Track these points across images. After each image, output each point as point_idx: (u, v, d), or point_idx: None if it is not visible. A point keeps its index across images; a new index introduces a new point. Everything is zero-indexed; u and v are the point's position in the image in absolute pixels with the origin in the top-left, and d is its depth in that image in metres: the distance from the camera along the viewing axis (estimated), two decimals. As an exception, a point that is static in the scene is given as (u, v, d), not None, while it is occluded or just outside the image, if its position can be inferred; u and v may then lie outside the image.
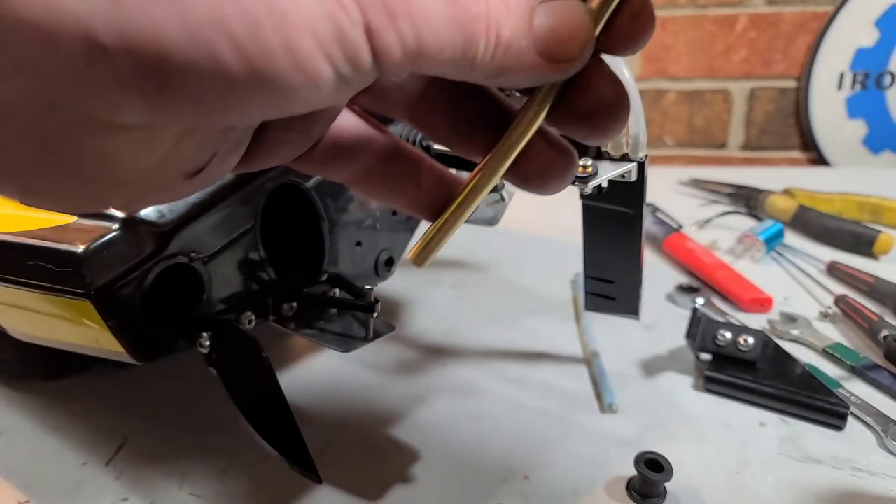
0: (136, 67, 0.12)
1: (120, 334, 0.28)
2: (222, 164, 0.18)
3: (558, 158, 0.19)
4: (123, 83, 0.13)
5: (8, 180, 0.15)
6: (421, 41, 0.14)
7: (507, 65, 0.16)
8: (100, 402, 0.42)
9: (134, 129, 0.14)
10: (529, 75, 0.16)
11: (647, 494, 0.33)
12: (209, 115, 0.14)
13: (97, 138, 0.14)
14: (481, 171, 0.19)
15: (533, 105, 0.18)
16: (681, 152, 1.20)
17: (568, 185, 0.21)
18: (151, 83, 0.13)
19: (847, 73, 1.09)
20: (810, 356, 0.47)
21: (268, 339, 0.33)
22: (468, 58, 0.15)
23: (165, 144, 0.15)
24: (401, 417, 0.40)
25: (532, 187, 0.20)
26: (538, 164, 0.19)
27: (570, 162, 0.20)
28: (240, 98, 0.14)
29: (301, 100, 0.14)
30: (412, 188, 0.21)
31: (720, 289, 0.58)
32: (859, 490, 0.34)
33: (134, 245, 0.29)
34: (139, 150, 0.15)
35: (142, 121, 0.14)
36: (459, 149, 0.21)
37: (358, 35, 0.14)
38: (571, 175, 0.20)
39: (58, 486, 0.35)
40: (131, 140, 0.15)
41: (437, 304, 0.57)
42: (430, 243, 0.20)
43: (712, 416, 0.40)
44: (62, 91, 0.13)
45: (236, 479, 0.35)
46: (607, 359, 0.46)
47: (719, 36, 1.12)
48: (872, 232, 0.67)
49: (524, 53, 0.16)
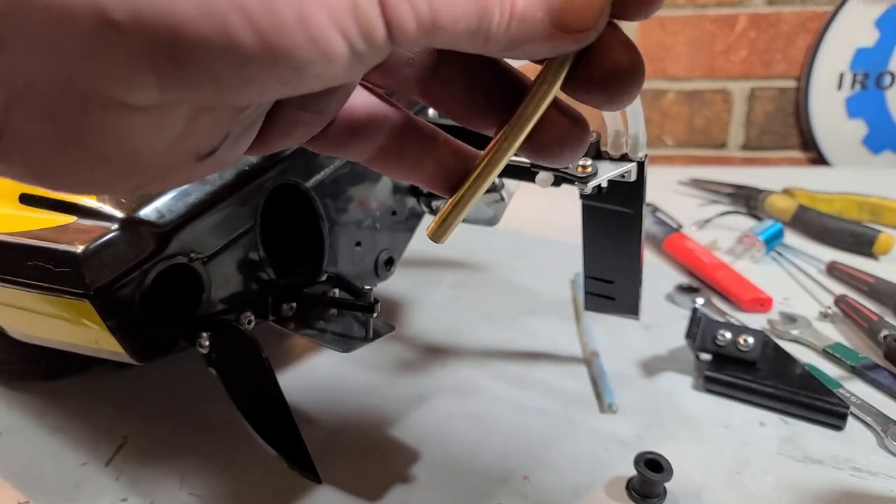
0: (150, 44, 0.12)
1: (119, 334, 0.28)
2: (235, 145, 0.18)
3: (573, 129, 0.19)
4: (137, 60, 0.13)
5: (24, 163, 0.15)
6: (435, 13, 0.14)
7: (521, 37, 0.16)
8: (100, 402, 0.42)
9: (147, 108, 0.14)
10: (544, 47, 0.16)
11: (646, 494, 0.33)
12: (223, 93, 0.14)
13: (112, 118, 0.14)
14: (498, 144, 0.19)
15: (548, 75, 0.18)
16: (681, 152, 1.20)
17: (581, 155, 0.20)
18: (165, 59, 0.13)
19: (847, 73, 1.09)
20: (810, 356, 0.47)
21: (268, 339, 0.33)
22: (482, 30, 0.15)
23: (178, 125, 0.15)
24: (401, 417, 0.40)
25: (547, 158, 0.20)
26: (553, 134, 0.19)
27: (584, 131, 0.20)
28: (254, 74, 0.13)
29: (315, 75, 0.14)
30: (429, 163, 0.21)
31: (720, 289, 0.58)
32: (859, 490, 0.34)
33: (133, 245, 0.28)
34: (152, 130, 0.15)
35: (155, 100, 0.14)
36: (474, 123, 0.20)
37: (372, 8, 0.14)
38: (586, 145, 0.20)
39: (58, 486, 0.35)
40: (145, 120, 0.14)
41: (437, 304, 0.57)
42: (448, 219, 0.20)
43: (712, 416, 0.40)
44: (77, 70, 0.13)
45: (236, 479, 0.35)
46: (607, 359, 0.46)
47: (719, 36, 1.12)
48: (872, 232, 0.67)
49: (539, 25, 0.15)
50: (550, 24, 0.16)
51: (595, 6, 0.16)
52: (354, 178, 0.39)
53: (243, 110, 0.17)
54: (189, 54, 0.13)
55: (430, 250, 0.67)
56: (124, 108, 0.14)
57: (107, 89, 0.13)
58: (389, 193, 0.43)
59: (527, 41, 0.16)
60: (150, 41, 0.12)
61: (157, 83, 0.13)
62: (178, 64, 0.13)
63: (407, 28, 0.14)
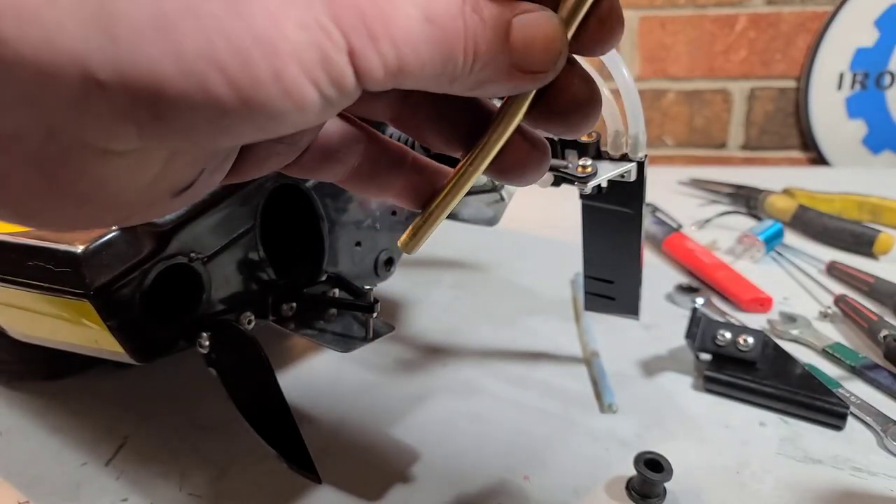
0: (132, 100, 0.13)
1: (119, 334, 0.28)
2: (209, 179, 0.19)
3: (533, 152, 0.20)
4: (119, 114, 0.13)
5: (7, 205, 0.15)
6: (402, 60, 0.15)
7: (484, 78, 0.16)
8: (100, 402, 0.42)
9: (127, 153, 0.15)
10: (506, 86, 0.17)
11: (646, 494, 0.33)
12: (200, 140, 0.15)
13: (92, 163, 0.15)
14: (464, 168, 0.20)
15: (510, 109, 0.19)
16: (680, 152, 1.20)
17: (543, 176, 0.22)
18: (146, 114, 0.13)
19: (847, 73, 1.09)
20: (810, 356, 0.47)
21: (268, 339, 0.33)
22: (447, 73, 0.16)
23: (155, 166, 0.16)
24: (401, 417, 0.40)
25: (509, 179, 0.21)
26: (515, 158, 0.20)
27: (544, 154, 0.21)
28: (230, 124, 0.14)
29: (288, 123, 0.15)
30: (398, 181, 0.22)
31: (720, 289, 0.58)
32: (859, 490, 0.34)
33: (133, 245, 0.29)
34: (131, 172, 0.16)
35: (135, 147, 0.14)
36: (442, 148, 0.22)
37: (342, 59, 0.14)
38: (546, 166, 0.21)
39: (58, 486, 0.35)
40: (124, 163, 0.15)
41: (437, 304, 0.57)
42: (418, 233, 0.21)
43: (712, 416, 0.40)
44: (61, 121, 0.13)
45: (236, 479, 0.35)
46: (607, 359, 0.46)
47: (719, 36, 1.12)
48: (872, 232, 0.67)
49: (501, 67, 0.16)
50: (511, 67, 0.16)
51: (553, 49, 0.17)
52: (354, 178, 0.39)
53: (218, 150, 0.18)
54: (169, 109, 0.13)
55: (430, 250, 0.67)
56: (105, 154, 0.14)
57: (89, 138, 0.14)
58: (389, 193, 0.43)
59: (489, 82, 0.17)
60: (132, 97, 0.13)
61: (138, 133, 0.14)
62: (158, 116, 0.13)
63: (375, 75, 0.15)
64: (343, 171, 0.22)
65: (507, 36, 0.16)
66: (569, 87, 0.18)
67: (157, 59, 0.13)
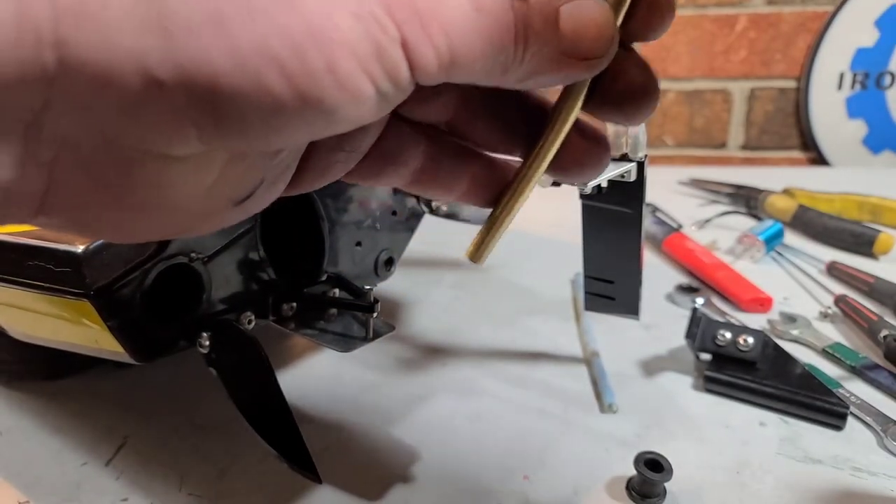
0: (191, 98, 0.13)
1: (120, 334, 0.28)
2: (270, 189, 0.19)
3: (593, 148, 0.20)
4: (179, 114, 0.13)
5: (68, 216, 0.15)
6: (454, 51, 0.15)
7: (536, 68, 0.16)
8: (100, 402, 0.42)
9: (185, 158, 0.15)
10: (559, 76, 0.17)
11: (646, 494, 0.33)
12: (257, 140, 0.14)
13: (150, 170, 0.15)
14: (526, 169, 0.20)
15: (567, 101, 0.18)
16: (681, 152, 1.20)
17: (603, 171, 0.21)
18: (204, 113, 0.13)
19: (847, 73, 1.09)
20: (810, 356, 0.47)
21: (268, 339, 0.33)
22: (499, 63, 0.16)
23: (213, 172, 0.16)
24: (401, 417, 0.40)
25: (570, 178, 0.21)
26: (574, 155, 0.20)
27: (605, 150, 0.20)
28: (286, 121, 0.14)
29: (343, 118, 0.15)
30: (465, 179, 0.22)
31: (720, 289, 0.58)
32: (859, 490, 0.34)
33: (133, 245, 0.29)
34: (189, 178, 0.16)
35: (194, 150, 0.14)
36: (499, 148, 0.21)
37: (395, 51, 0.14)
38: (607, 162, 0.21)
39: (58, 486, 0.35)
40: (182, 170, 0.15)
41: (437, 304, 0.57)
42: (485, 242, 0.21)
43: (712, 415, 0.40)
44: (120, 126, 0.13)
45: (236, 479, 0.35)
46: (607, 359, 0.46)
47: (719, 36, 1.12)
48: (872, 232, 0.67)
49: (552, 55, 0.16)
50: (562, 54, 0.16)
51: (604, 35, 0.16)
52: (354, 178, 0.39)
53: (277, 155, 0.17)
54: (227, 106, 0.13)
55: (430, 250, 0.67)
56: (163, 160, 0.14)
57: (148, 143, 0.14)
58: (389, 193, 0.43)
59: (541, 72, 0.16)
60: (190, 95, 0.13)
61: (196, 134, 0.14)
62: (216, 115, 0.13)
63: (429, 67, 0.15)
64: (406, 173, 0.21)
65: (556, 23, 0.16)
66: (623, 74, 0.18)
67: (213, 55, 0.13)
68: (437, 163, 0.21)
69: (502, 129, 0.21)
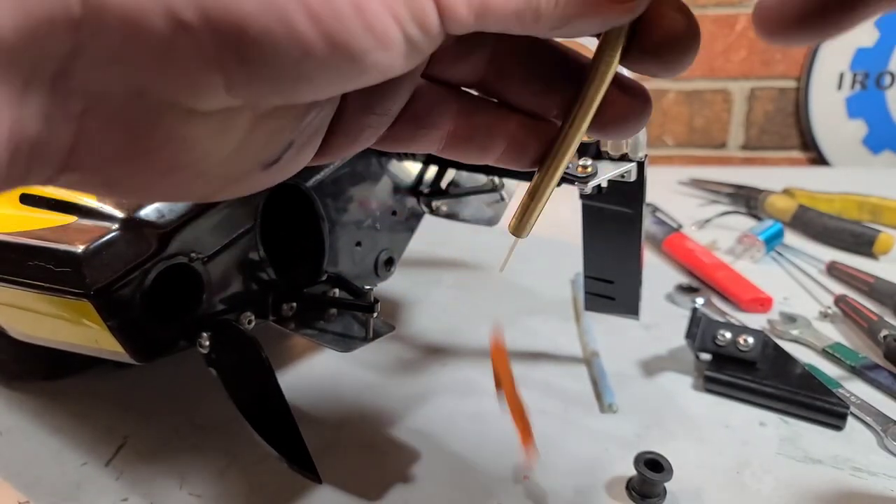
0: (217, 41, 0.13)
1: (120, 334, 0.28)
2: (300, 153, 0.18)
3: (634, 102, 0.19)
4: (206, 59, 0.13)
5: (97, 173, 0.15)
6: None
7: (571, 12, 0.15)
8: (100, 402, 0.42)
9: (212, 114, 0.15)
10: (596, 20, 0.16)
11: (646, 494, 0.33)
12: (285, 89, 0.14)
13: (179, 125, 0.14)
14: (564, 132, 0.19)
15: (606, 52, 0.17)
16: (681, 152, 1.20)
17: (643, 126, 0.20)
18: (231, 56, 0.13)
19: (847, 73, 1.09)
20: (810, 356, 0.47)
21: (268, 339, 0.33)
22: (532, 8, 0.15)
23: (240, 131, 0.16)
24: (401, 417, 0.40)
25: (610, 134, 0.20)
26: (615, 111, 0.19)
27: (646, 103, 0.19)
28: (314, 67, 0.14)
29: (371, 66, 0.14)
30: (501, 139, 0.21)
31: (720, 289, 0.58)
32: (859, 490, 0.34)
33: (134, 245, 0.28)
34: (216, 136, 0.15)
35: (221, 103, 0.14)
36: (536, 107, 0.20)
37: None
38: (648, 116, 0.19)
39: (58, 486, 0.35)
40: (209, 126, 0.15)
41: (437, 304, 0.57)
42: (528, 211, 0.19)
43: (712, 415, 0.40)
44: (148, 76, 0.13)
45: (236, 479, 0.35)
46: (607, 359, 0.46)
47: (719, 36, 1.12)
48: (872, 232, 0.67)
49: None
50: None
51: None
52: (355, 178, 0.39)
53: (306, 116, 0.17)
54: (253, 49, 0.13)
55: (430, 250, 0.67)
56: (190, 115, 0.14)
57: (176, 94, 0.14)
58: (389, 193, 0.43)
59: (576, 16, 0.15)
60: (216, 38, 0.13)
61: (224, 83, 0.14)
62: (243, 60, 0.13)
63: (458, 13, 0.14)
64: (439, 136, 0.20)
65: None
66: (662, 18, 0.17)
67: None
68: (472, 124, 0.20)
69: (537, 88, 0.20)
